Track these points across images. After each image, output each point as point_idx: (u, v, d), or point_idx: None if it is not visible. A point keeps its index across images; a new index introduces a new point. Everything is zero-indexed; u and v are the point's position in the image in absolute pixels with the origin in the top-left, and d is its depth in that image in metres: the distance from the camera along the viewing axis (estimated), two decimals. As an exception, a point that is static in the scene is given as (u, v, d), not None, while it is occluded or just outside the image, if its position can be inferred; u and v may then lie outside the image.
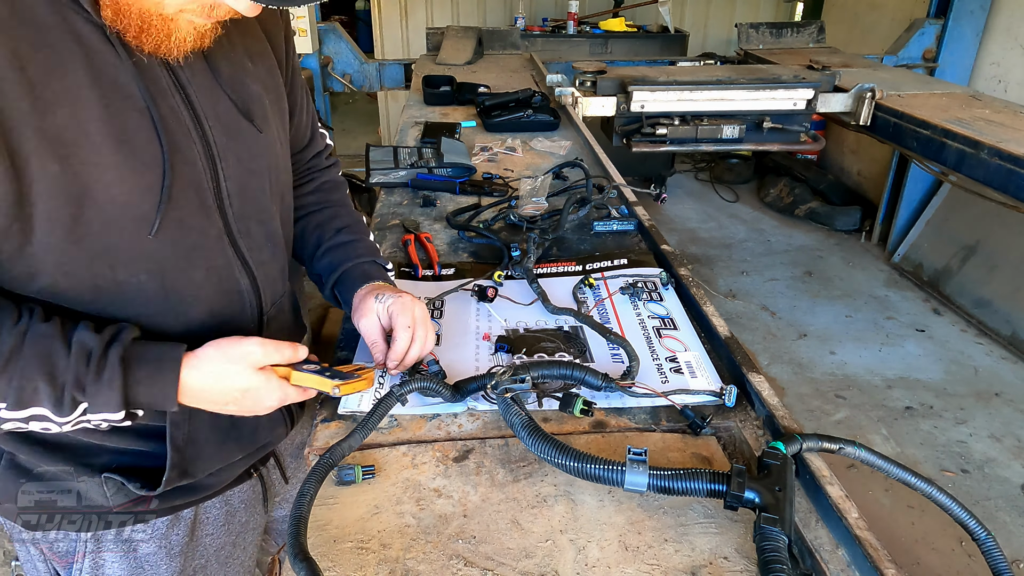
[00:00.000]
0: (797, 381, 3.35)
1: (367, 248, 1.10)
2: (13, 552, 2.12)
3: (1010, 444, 2.93)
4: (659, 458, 0.92)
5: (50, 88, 0.67)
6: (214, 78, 0.84)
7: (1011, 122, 2.82)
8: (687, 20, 6.55)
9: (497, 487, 0.88)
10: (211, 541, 1.07)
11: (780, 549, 0.71)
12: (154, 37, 0.72)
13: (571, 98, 2.94)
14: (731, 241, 4.87)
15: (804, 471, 0.87)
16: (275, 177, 0.95)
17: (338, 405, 1.01)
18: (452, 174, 1.96)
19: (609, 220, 1.65)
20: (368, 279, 1.05)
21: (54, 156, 0.68)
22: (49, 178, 0.68)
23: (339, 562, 0.77)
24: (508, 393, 0.93)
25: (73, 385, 0.72)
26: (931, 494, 0.84)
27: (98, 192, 0.71)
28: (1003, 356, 3.53)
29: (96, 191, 0.71)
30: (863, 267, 4.50)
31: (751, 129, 3.07)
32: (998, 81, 4.19)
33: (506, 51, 4.37)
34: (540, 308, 1.27)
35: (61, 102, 0.68)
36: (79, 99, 0.69)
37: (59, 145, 0.68)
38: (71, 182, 0.69)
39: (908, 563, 2.33)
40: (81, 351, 0.73)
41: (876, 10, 5.23)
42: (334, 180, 1.19)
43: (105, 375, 0.73)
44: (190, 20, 0.73)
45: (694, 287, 1.31)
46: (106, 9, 0.70)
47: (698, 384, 1.05)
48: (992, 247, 3.88)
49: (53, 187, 0.69)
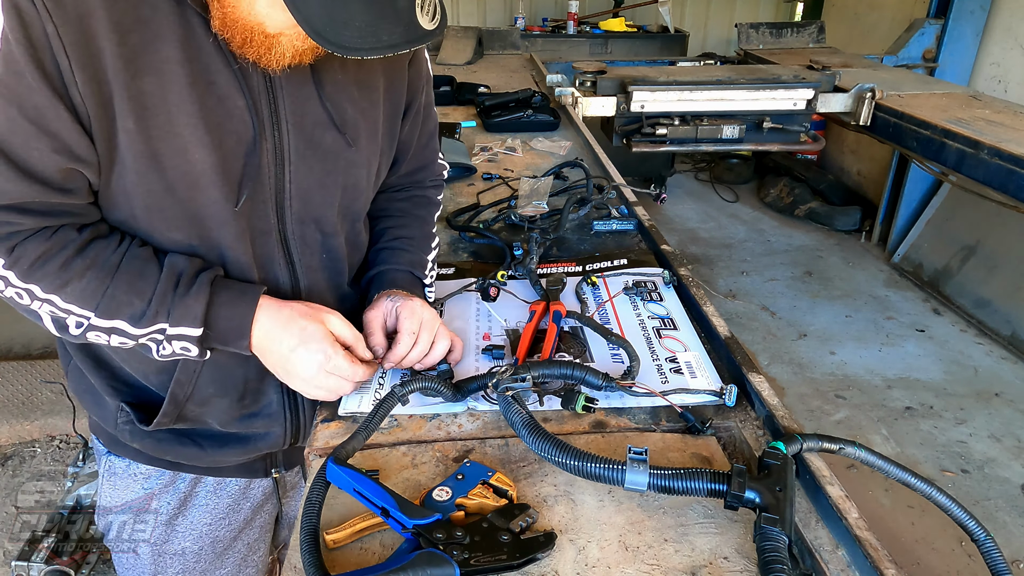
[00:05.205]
0: (797, 381, 3.36)
1: (412, 260, 1.12)
2: (13, 552, 2.12)
3: (1010, 444, 2.93)
4: (659, 458, 0.92)
5: (144, 57, 0.75)
6: (315, 89, 0.89)
7: (1011, 122, 2.82)
8: (687, 20, 6.55)
9: (497, 487, 0.88)
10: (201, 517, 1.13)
11: (780, 549, 0.71)
12: (255, 49, 0.78)
13: (571, 98, 2.94)
14: (731, 241, 4.88)
15: (804, 471, 0.87)
16: (349, 197, 1.00)
17: (338, 405, 1.01)
18: (452, 174, 1.96)
19: (609, 220, 1.65)
20: (395, 286, 1.07)
21: (132, 114, 0.76)
22: (127, 133, 0.77)
23: (340, 562, 0.77)
24: (509, 392, 0.93)
25: (158, 301, 0.81)
26: (931, 494, 0.84)
27: (165, 155, 0.79)
28: (1003, 356, 3.53)
29: (164, 154, 0.79)
30: (863, 267, 4.50)
31: (751, 129, 3.07)
32: (998, 81, 4.19)
33: (506, 51, 4.38)
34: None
35: (150, 71, 0.76)
36: (166, 72, 0.77)
37: (139, 107, 0.76)
38: (144, 141, 0.78)
39: (908, 563, 2.33)
40: (172, 271, 0.83)
41: (876, 10, 5.23)
42: (428, 197, 1.22)
43: (192, 290, 0.82)
44: (291, 40, 0.78)
45: (694, 287, 1.31)
46: (215, 20, 0.77)
47: (698, 384, 1.05)
48: (992, 247, 3.88)
49: (129, 141, 0.78)
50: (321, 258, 1.00)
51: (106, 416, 1.02)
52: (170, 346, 0.84)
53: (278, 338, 0.88)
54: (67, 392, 2.78)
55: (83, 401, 1.05)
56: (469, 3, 6.34)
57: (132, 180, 0.80)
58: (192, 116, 0.79)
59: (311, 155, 0.91)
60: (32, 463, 2.74)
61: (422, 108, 1.09)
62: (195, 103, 0.79)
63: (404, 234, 1.14)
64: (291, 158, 0.89)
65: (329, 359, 0.89)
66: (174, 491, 1.12)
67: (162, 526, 1.13)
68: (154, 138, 0.78)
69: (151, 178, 0.80)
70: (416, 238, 1.15)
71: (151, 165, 0.79)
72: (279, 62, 0.80)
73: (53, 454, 2.78)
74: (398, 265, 1.10)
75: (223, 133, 0.82)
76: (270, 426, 1.06)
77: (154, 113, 0.77)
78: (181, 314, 0.82)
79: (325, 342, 0.89)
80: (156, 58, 0.76)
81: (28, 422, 2.83)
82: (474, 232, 1.62)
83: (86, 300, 0.80)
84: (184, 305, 0.82)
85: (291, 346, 0.88)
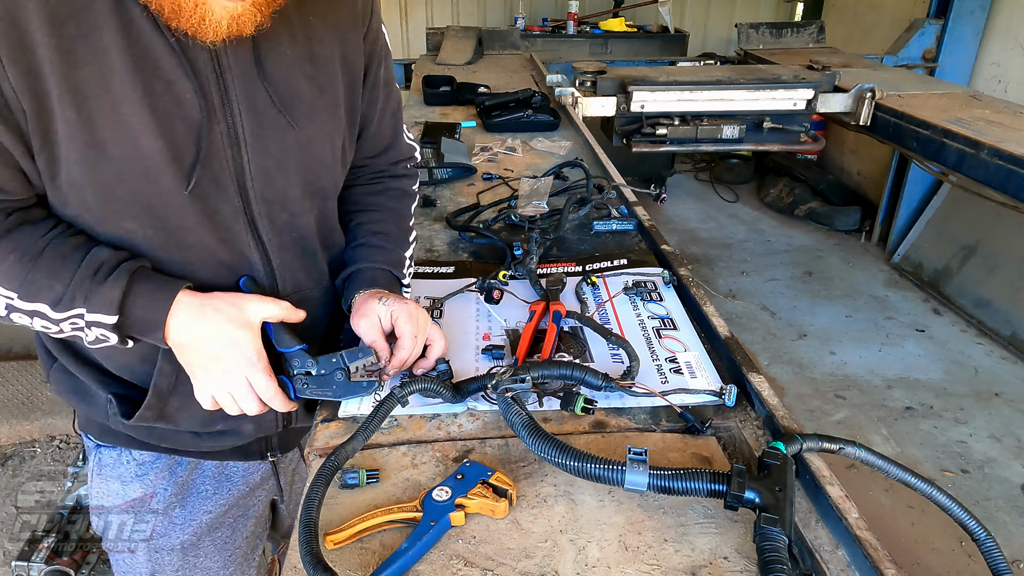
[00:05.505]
0: (797, 381, 3.35)
1: (391, 258, 1.10)
2: (13, 552, 2.12)
3: (1010, 444, 2.93)
4: (659, 458, 0.92)
5: (82, 47, 0.75)
6: (255, 69, 0.87)
7: (1011, 122, 2.82)
8: (687, 20, 6.55)
9: (497, 487, 0.88)
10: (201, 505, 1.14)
11: (780, 549, 0.71)
12: (187, 18, 0.75)
13: (571, 98, 2.94)
14: (731, 241, 4.87)
15: (804, 471, 0.87)
16: (312, 175, 0.98)
17: (339, 406, 1.01)
18: (452, 174, 1.96)
19: (609, 220, 1.65)
20: (374, 285, 1.05)
21: (72, 104, 0.75)
22: (67, 123, 0.76)
23: (340, 562, 0.77)
24: (508, 393, 0.93)
25: (76, 286, 0.81)
26: (931, 494, 0.84)
27: (110, 144, 0.79)
28: (1003, 356, 3.53)
29: (109, 143, 0.78)
30: (863, 267, 4.50)
31: (751, 129, 3.07)
32: (998, 81, 4.19)
33: (506, 51, 4.38)
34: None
35: (89, 61, 0.75)
36: (106, 60, 0.76)
37: (80, 96, 0.76)
38: (87, 131, 0.77)
39: (908, 563, 2.33)
40: (95, 259, 0.82)
41: (876, 10, 5.23)
42: (403, 189, 1.19)
43: (111, 278, 0.81)
44: (222, 3, 0.76)
45: (694, 287, 1.31)
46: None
47: (698, 384, 1.05)
48: (992, 247, 3.88)
49: (70, 132, 0.77)
50: (292, 236, 0.99)
51: (96, 409, 1.02)
52: (91, 332, 0.83)
53: (203, 337, 0.86)
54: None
55: (70, 400, 1.04)
56: (469, 3, 6.34)
57: (79, 171, 0.80)
58: (137, 104, 0.78)
59: (267, 136, 0.89)
60: (32, 463, 2.74)
61: (381, 81, 1.06)
62: (138, 90, 0.78)
63: (380, 229, 1.12)
64: (247, 140, 0.88)
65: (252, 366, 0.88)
66: (172, 478, 1.11)
67: (160, 517, 1.12)
68: (98, 127, 0.77)
69: (99, 168, 0.80)
70: (393, 234, 1.13)
71: (98, 155, 0.79)
72: (216, 32, 0.77)
73: (53, 454, 2.78)
74: (376, 263, 1.08)
75: (172, 118, 0.81)
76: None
77: (96, 103, 0.76)
78: (97, 300, 0.81)
79: (252, 351, 0.88)
80: (95, 47, 0.75)
81: (28, 422, 2.83)
82: (474, 232, 1.62)
83: (9, 281, 0.80)
84: (101, 292, 0.81)
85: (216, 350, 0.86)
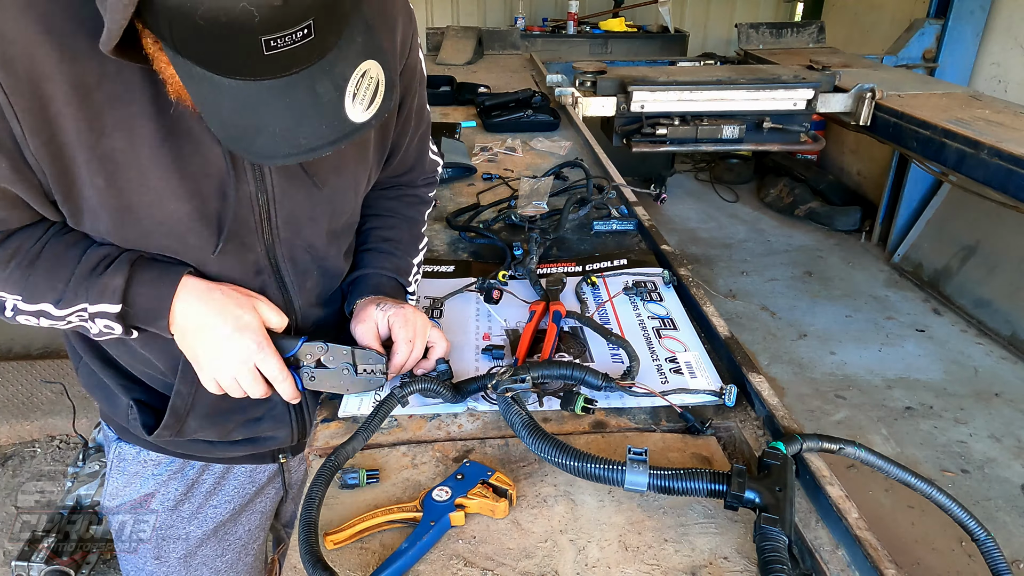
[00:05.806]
0: (797, 381, 3.35)
1: (398, 266, 1.09)
2: (13, 552, 2.12)
3: (1010, 444, 2.93)
4: (659, 458, 0.92)
5: (110, 115, 0.73)
6: None
7: (1011, 122, 2.82)
8: (687, 20, 6.55)
9: (497, 487, 0.88)
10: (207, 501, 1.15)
11: (780, 549, 0.71)
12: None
13: (571, 98, 2.94)
14: (731, 241, 4.87)
15: (804, 471, 0.87)
16: (335, 220, 0.98)
17: (339, 407, 1.01)
18: (452, 174, 1.96)
19: (609, 220, 1.65)
20: (377, 291, 1.04)
21: (101, 172, 0.75)
22: (97, 190, 0.77)
23: (340, 562, 0.77)
24: (508, 393, 0.93)
25: (77, 282, 0.81)
26: (931, 494, 0.84)
27: (139, 208, 0.79)
28: (1003, 356, 3.53)
29: (138, 207, 0.79)
30: (863, 267, 4.50)
31: (751, 129, 3.08)
32: (998, 81, 4.19)
33: (506, 51, 4.38)
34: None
35: (118, 127, 0.74)
36: (135, 127, 0.75)
37: (109, 164, 0.75)
38: (115, 196, 0.77)
39: (908, 563, 2.33)
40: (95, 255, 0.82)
41: (876, 10, 5.23)
42: (419, 196, 1.18)
43: (111, 268, 0.81)
44: None
45: (694, 287, 1.31)
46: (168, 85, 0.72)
47: (698, 384, 1.05)
48: (992, 247, 3.88)
49: (101, 198, 0.77)
50: (314, 276, 0.99)
51: (118, 411, 1.03)
52: (96, 324, 0.84)
53: (210, 323, 0.86)
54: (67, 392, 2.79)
55: (95, 395, 1.06)
56: (469, 3, 6.34)
57: (107, 226, 0.80)
58: (165, 168, 0.77)
59: (295, 191, 0.89)
60: (32, 463, 2.74)
61: (413, 111, 1.06)
62: (169, 154, 0.77)
63: (391, 236, 1.11)
64: (275, 195, 0.87)
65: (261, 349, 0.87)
66: (182, 478, 1.13)
67: (167, 512, 1.14)
68: (126, 192, 0.77)
69: (127, 227, 0.80)
70: (403, 241, 1.12)
71: (126, 217, 0.79)
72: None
73: (53, 454, 2.78)
74: (382, 270, 1.07)
75: (199, 180, 0.81)
76: (276, 429, 1.07)
77: (125, 169, 0.76)
78: (100, 291, 0.81)
79: (260, 335, 0.87)
80: (124, 113, 0.74)
81: (28, 422, 2.83)
82: (474, 232, 1.62)
83: (12, 287, 0.81)
84: (102, 283, 0.81)
85: (225, 333, 0.85)
